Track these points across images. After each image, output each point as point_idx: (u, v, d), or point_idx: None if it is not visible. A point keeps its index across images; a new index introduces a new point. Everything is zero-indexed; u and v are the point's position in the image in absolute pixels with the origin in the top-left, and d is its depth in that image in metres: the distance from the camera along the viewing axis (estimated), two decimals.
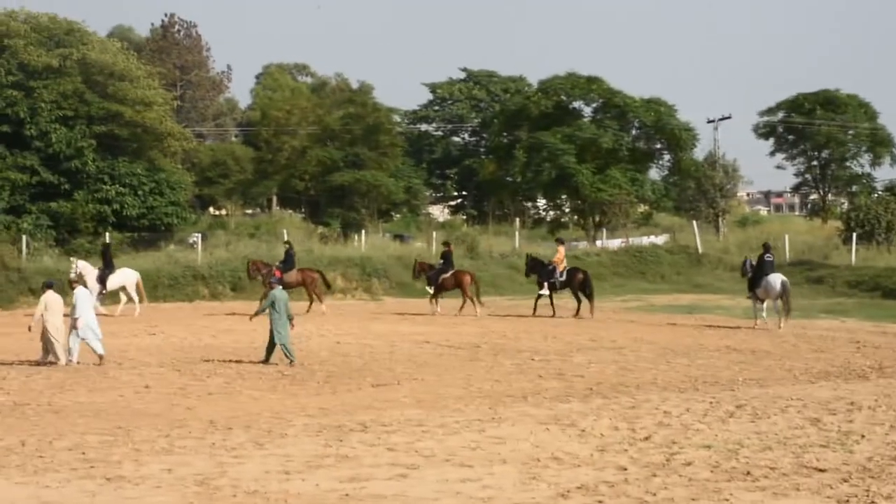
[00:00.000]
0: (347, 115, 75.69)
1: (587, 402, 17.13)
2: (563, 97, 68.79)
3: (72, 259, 37.71)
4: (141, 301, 35.68)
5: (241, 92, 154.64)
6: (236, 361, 22.72)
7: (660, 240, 60.15)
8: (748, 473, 11.94)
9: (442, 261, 36.80)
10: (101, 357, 22.48)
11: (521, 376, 20.79)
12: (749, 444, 13.53)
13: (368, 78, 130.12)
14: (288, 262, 35.89)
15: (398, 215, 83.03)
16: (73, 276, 33.89)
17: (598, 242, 58.27)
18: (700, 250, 53.38)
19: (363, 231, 56.58)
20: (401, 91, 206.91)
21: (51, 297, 22.84)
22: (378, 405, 17.22)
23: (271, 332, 22.41)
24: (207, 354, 24.04)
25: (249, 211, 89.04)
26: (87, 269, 34.67)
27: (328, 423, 15.27)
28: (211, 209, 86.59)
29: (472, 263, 45.50)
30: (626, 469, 12.21)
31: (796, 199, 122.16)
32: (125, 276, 35.85)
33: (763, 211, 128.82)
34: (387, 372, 21.46)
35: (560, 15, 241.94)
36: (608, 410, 16.22)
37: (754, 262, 31.89)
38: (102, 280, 34.60)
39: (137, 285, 35.91)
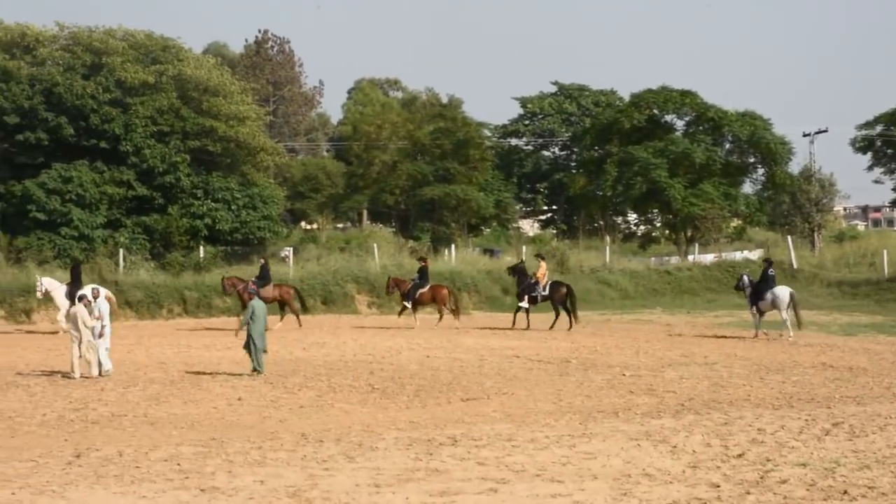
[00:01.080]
0: (437, 129, 75.95)
1: (679, 419, 16.94)
2: (656, 111, 68.24)
3: (37, 276, 36.96)
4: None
5: (332, 107, 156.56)
6: (326, 375, 22.90)
7: (753, 255, 59.31)
8: (845, 492, 11.69)
9: (418, 275, 37.17)
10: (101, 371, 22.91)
11: (612, 391, 20.65)
12: (846, 463, 13.25)
13: (458, 93, 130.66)
14: (264, 277, 36.31)
15: (488, 229, 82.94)
16: (38, 294, 34.37)
17: (691, 257, 57.72)
18: (795, 266, 52.47)
19: (453, 245, 56.63)
20: (491, 106, 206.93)
21: (77, 311, 23.30)
22: (468, 419, 17.22)
23: (249, 339, 22.68)
24: (298, 367, 24.26)
25: (340, 225, 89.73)
26: (54, 286, 34.33)
27: (418, 436, 15.31)
28: (302, 223, 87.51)
29: (561, 278, 45.19)
30: (718, 486, 12.03)
31: (895, 214, 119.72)
32: None
33: (860, 226, 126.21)
34: (476, 386, 21.46)
35: (652, 28, 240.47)
36: (700, 427, 16.02)
37: (753, 279, 33.52)
38: (71, 297, 32.58)
39: (109, 300, 35.93)
